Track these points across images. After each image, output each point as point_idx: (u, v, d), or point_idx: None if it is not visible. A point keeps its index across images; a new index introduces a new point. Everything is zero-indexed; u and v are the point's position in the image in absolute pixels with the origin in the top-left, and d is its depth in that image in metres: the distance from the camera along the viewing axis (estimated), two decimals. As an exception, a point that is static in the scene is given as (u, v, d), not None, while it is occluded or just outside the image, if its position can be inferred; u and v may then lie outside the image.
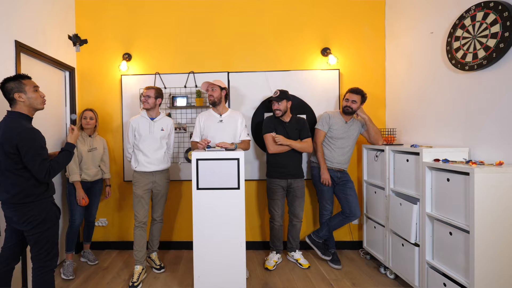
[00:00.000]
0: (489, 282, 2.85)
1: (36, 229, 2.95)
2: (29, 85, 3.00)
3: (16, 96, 2.93)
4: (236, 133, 4.34)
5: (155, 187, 4.44)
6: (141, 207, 4.33)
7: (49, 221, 3.03)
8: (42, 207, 2.99)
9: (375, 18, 5.16)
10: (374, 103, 5.18)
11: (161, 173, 4.47)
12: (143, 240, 4.33)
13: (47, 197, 3.07)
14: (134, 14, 5.22)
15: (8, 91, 2.95)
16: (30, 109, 3.04)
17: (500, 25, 3.08)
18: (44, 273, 3.01)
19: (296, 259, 4.68)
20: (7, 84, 2.95)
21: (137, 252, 4.29)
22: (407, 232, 3.76)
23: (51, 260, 3.07)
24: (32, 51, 4.13)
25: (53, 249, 3.08)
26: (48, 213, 3.02)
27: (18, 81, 2.96)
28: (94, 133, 4.75)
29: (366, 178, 4.89)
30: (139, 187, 4.33)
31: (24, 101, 2.97)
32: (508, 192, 2.84)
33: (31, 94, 3.00)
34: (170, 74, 5.22)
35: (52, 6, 4.60)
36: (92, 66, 5.28)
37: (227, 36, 5.23)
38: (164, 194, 4.56)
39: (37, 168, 2.85)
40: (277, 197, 4.52)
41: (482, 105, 3.36)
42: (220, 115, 4.35)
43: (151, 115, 4.38)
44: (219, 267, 3.61)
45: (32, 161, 2.83)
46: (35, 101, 3.04)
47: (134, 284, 4.07)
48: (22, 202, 2.92)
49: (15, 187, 2.90)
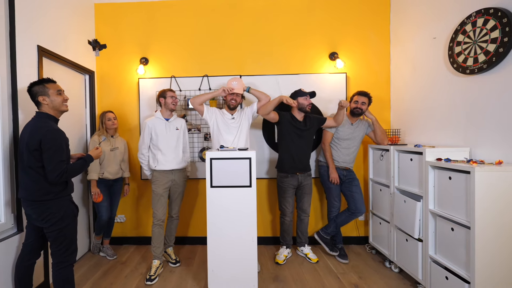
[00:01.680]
0: (489, 275, 2.87)
1: (54, 226, 2.97)
2: (52, 89, 3.04)
3: (40, 99, 2.99)
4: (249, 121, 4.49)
5: (173, 185, 4.47)
6: (160, 205, 4.37)
7: (67, 219, 3.05)
8: (60, 205, 3.01)
9: (380, 24, 5.17)
10: (380, 105, 5.18)
11: (180, 172, 4.52)
12: (161, 237, 4.39)
13: (65, 195, 3.08)
14: (151, 20, 5.28)
15: (34, 94, 3.01)
16: (55, 111, 3.08)
17: (500, 30, 3.09)
18: (63, 268, 3.03)
19: (305, 254, 4.71)
20: (32, 88, 3.01)
21: (155, 248, 4.35)
22: (411, 228, 3.79)
23: (70, 255, 3.09)
24: (53, 56, 4.18)
25: (72, 245, 3.10)
26: (66, 211, 3.04)
27: (42, 85, 3.01)
28: (116, 133, 4.82)
29: (372, 176, 4.91)
30: (159, 186, 4.36)
31: (48, 104, 3.02)
32: (507, 189, 2.85)
33: (54, 97, 3.03)
34: (185, 78, 5.26)
35: (72, 13, 4.66)
36: (111, 70, 5.34)
37: (240, 42, 5.27)
38: (181, 192, 4.60)
39: (52, 167, 2.85)
40: (288, 195, 4.57)
41: (482, 107, 3.38)
42: (232, 115, 4.43)
43: (166, 116, 4.44)
44: (231, 261, 3.64)
45: (49, 160, 2.85)
46: (58, 104, 3.07)
47: (151, 277, 4.13)
48: (40, 199, 2.94)
49: (35, 184, 2.92)
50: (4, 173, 3.36)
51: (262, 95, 4.34)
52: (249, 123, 4.46)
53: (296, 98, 4.44)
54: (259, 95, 4.35)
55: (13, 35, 3.44)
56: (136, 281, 4.10)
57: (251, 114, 4.43)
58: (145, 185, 5.34)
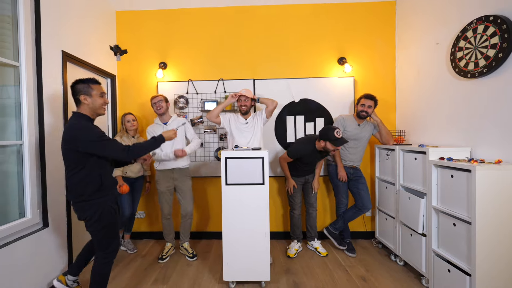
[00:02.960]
0: (489, 267, 2.91)
1: (92, 227, 2.93)
2: (96, 90, 2.95)
3: (82, 98, 2.90)
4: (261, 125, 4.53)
5: (176, 184, 4.59)
6: (165, 203, 4.57)
7: (105, 220, 2.94)
8: (96, 207, 2.90)
9: (386, 30, 5.22)
10: (386, 107, 5.23)
11: (181, 170, 4.61)
12: (170, 226, 4.69)
13: (99, 197, 2.93)
14: (169, 27, 5.37)
15: (76, 92, 2.91)
16: (93, 112, 2.98)
17: (499, 37, 3.13)
18: (102, 263, 3.01)
19: (315, 248, 4.77)
20: (77, 85, 2.92)
21: (166, 235, 4.75)
22: (415, 223, 3.84)
23: (111, 253, 3.04)
24: (77, 60, 4.24)
25: (112, 244, 3.04)
26: (102, 213, 2.92)
27: (87, 84, 2.92)
28: (136, 134, 4.89)
29: (378, 174, 4.96)
30: (161, 184, 4.54)
31: (88, 104, 2.92)
32: (506, 187, 2.89)
33: (96, 98, 2.94)
34: (202, 81, 5.34)
35: (95, 20, 4.75)
36: (131, 74, 5.43)
37: (253, 47, 5.35)
38: (187, 190, 4.66)
39: (110, 149, 2.80)
40: (296, 191, 4.64)
41: (482, 109, 3.41)
42: (246, 119, 4.49)
43: (163, 120, 4.57)
44: (245, 255, 3.70)
45: (101, 147, 2.77)
46: (98, 106, 2.97)
47: (162, 257, 4.56)
48: (77, 200, 2.91)
49: (72, 185, 2.88)
50: (31, 172, 3.41)
51: (269, 101, 4.39)
52: (261, 127, 4.51)
53: (326, 138, 4.10)
54: (266, 102, 4.40)
55: (39, 41, 3.49)
56: (155, 274, 4.16)
57: (261, 119, 4.49)
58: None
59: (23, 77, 3.33)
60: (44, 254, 3.53)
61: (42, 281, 3.50)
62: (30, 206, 3.41)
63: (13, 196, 3.35)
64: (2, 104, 3.26)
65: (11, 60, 3.23)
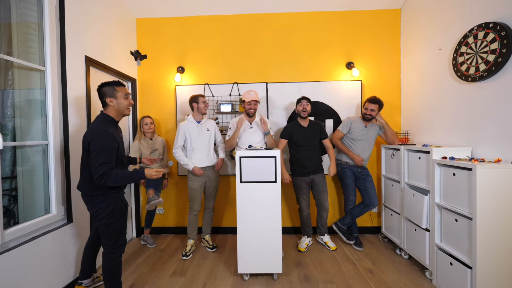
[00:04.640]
0: (489, 261, 2.94)
1: (102, 221, 2.93)
2: (121, 92, 2.97)
3: (108, 100, 2.93)
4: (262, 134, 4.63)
5: (208, 181, 4.64)
6: (196, 199, 4.58)
7: (115, 215, 2.96)
8: (109, 201, 2.93)
9: (392, 36, 5.27)
10: (391, 109, 5.26)
11: (212, 168, 4.68)
12: (195, 223, 4.67)
13: (113, 192, 2.97)
14: (187, 33, 5.44)
15: (102, 94, 2.95)
16: (118, 113, 3.02)
17: (499, 42, 3.16)
18: (111, 258, 2.99)
19: (325, 242, 4.81)
20: (103, 88, 2.95)
21: (190, 232, 4.68)
22: (419, 219, 3.86)
23: (119, 248, 3.03)
24: (99, 65, 4.29)
25: (119, 239, 3.03)
26: (114, 208, 2.94)
27: (112, 87, 2.95)
28: (154, 135, 4.96)
29: (384, 173, 4.99)
30: (194, 181, 4.54)
31: (114, 106, 2.95)
32: (505, 184, 2.92)
33: (121, 100, 2.97)
34: (217, 85, 5.40)
35: (117, 26, 4.82)
36: (151, 78, 5.50)
37: (266, 52, 5.40)
38: (215, 186, 4.74)
39: (94, 168, 2.73)
40: (303, 192, 4.69)
41: (483, 110, 3.44)
42: (251, 123, 4.59)
43: (198, 119, 4.60)
44: (258, 249, 3.75)
45: (92, 161, 2.75)
46: (123, 107, 3.00)
47: (186, 253, 4.53)
48: (90, 194, 2.93)
49: (87, 178, 2.92)
50: (56, 170, 3.47)
51: (272, 141, 4.53)
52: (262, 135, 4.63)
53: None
54: (269, 140, 4.53)
55: (63, 47, 3.55)
56: (173, 267, 4.22)
57: (263, 133, 4.57)
58: (181, 180, 5.50)
59: (49, 81, 3.40)
60: (68, 248, 3.59)
61: (66, 273, 3.55)
62: (55, 203, 3.48)
63: (39, 193, 3.41)
64: (29, 106, 3.32)
65: (37, 64, 3.30)
